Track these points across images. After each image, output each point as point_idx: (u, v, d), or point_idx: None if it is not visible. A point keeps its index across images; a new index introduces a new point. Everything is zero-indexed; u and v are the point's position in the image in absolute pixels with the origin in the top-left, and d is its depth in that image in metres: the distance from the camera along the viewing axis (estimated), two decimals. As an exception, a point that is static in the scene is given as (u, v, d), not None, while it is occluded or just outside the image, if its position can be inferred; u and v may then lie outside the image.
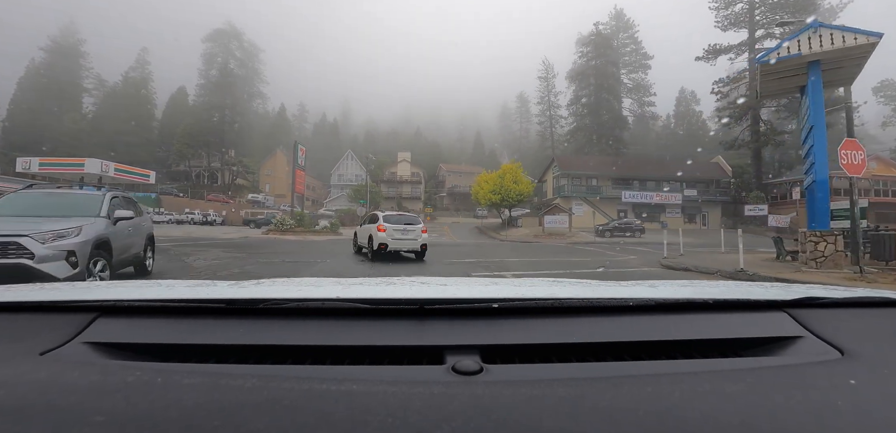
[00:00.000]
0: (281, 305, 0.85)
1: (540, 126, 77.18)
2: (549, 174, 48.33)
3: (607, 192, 43.24)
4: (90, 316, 0.83)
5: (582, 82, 63.72)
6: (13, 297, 0.91)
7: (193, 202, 51.40)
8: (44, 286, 1.12)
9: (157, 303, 0.89)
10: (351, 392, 0.58)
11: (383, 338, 0.77)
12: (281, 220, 28.88)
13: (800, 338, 0.82)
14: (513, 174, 41.11)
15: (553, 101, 74.71)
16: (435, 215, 63.01)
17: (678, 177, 44.49)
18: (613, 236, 33.62)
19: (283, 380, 0.62)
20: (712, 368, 0.72)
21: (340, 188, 70.52)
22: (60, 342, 0.74)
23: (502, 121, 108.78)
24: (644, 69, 68.97)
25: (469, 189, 69.05)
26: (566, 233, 33.20)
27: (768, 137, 39.90)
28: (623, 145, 57.36)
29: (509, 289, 1.03)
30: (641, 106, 70.24)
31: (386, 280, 1.25)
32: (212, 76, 73.34)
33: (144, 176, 38.64)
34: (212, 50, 79.93)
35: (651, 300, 0.93)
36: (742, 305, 0.96)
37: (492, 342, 0.76)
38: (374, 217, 13.59)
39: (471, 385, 0.63)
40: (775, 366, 0.74)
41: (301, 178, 31.37)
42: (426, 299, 0.86)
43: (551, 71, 74.77)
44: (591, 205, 42.68)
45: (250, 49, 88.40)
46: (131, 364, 0.69)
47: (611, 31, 66.55)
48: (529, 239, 31.04)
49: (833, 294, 1.01)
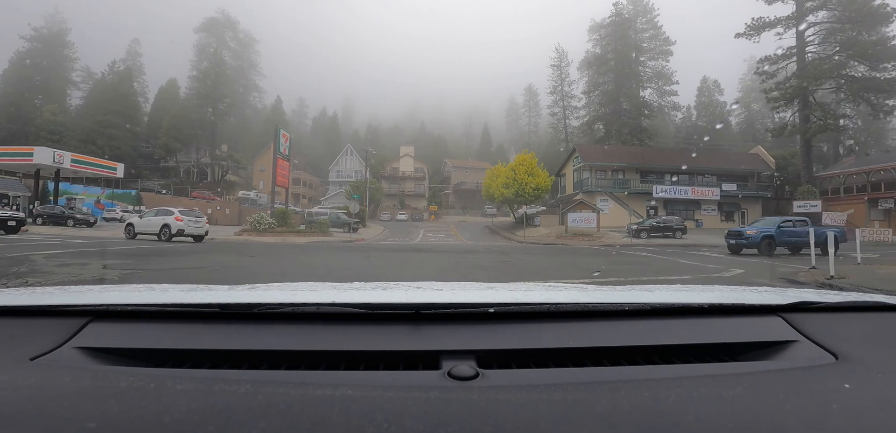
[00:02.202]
0: (276, 310, 0.85)
1: (553, 117, 72.00)
2: (569, 167, 43.33)
3: (635, 187, 38.21)
4: (82, 320, 0.82)
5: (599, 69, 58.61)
6: (3, 301, 0.88)
7: (177, 200, 46.94)
8: (35, 290, 1.07)
9: (150, 307, 0.88)
10: (346, 397, 0.58)
11: (379, 344, 0.77)
12: (257, 219, 24.20)
13: (794, 343, 0.83)
14: (527, 166, 36.26)
15: (567, 91, 69.68)
16: (440, 213, 58.25)
17: (715, 169, 39.39)
18: (650, 237, 28.71)
19: (278, 385, 0.61)
20: (708, 373, 0.73)
21: (339, 185, 66.09)
22: (52, 347, 0.73)
23: (509, 116, 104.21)
24: (665, 56, 63.71)
25: (476, 186, 64.71)
26: (594, 234, 28.32)
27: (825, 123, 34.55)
28: (647, 136, 52.21)
29: (505, 294, 1.02)
30: (661, 95, 65.00)
31: (382, 285, 1.22)
32: (204, 68, 69.23)
33: (110, 169, 33.95)
34: (204, 40, 75.95)
35: (647, 305, 0.94)
36: (737, 310, 0.97)
37: (488, 347, 0.76)
38: (168, 211, 19.28)
39: (467, 390, 0.62)
40: (770, 371, 0.74)
41: (284, 168, 26.71)
42: (422, 304, 0.87)
43: (565, 58, 69.72)
44: (617, 201, 37.69)
45: (245, 39, 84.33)
46: (124, 369, 0.68)
47: (630, 14, 61.36)
48: (552, 240, 26.21)
49: (827, 298, 1.02)
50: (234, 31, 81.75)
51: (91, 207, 41.36)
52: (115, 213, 39.98)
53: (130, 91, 66.04)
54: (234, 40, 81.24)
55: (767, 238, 16.47)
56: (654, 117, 58.23)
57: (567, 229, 29.37)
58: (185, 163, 63.81)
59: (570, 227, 29.34)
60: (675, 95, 65.02)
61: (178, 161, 63.14)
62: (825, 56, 35.28)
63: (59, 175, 30.36)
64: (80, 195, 43.07)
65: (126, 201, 45.26)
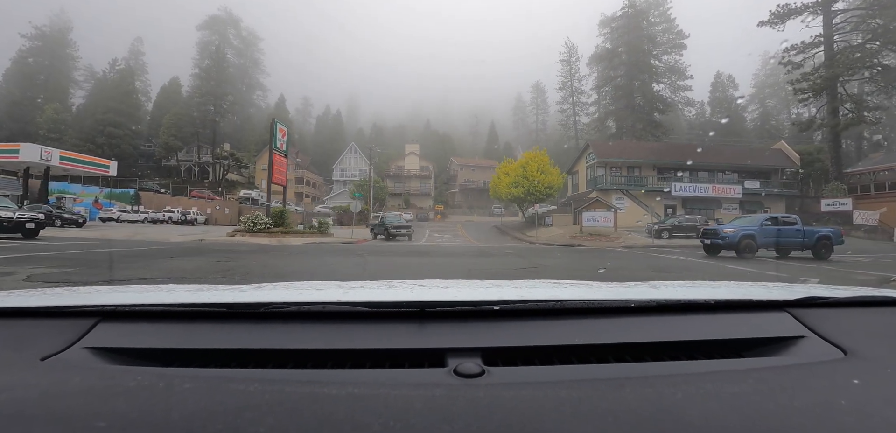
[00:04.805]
0: (282, 309, 0.86)
1: (562, 114, 70.07)
2: (581, 164, 41.44)
3: (652, 184, 36.24)
4: (91, 321, 0.83)
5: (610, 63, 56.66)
6: (14, 303, 0.89)
7: (176, 199, 45.70)
8: (45, 291, 1.07)
9: (158, 307, 0.88)
10: (352, 395, 0.59)
11: (384, 342, 0.77)
12: (251, 219, 22.65)
13: (802, 338, 0.83)
14: (538, 163, 34.46)
15: (577, 87, 67.73)
16: (446, 212, 56.55)
17: (737, 166, 37.31)
18: (672, 237, 26.83)
19: (285, 384, 0.62)
20: (715, 369, 0.73)
21: (343, 184, 64.79)
22: (61, 347, 0.74)
23: (516, 114, 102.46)
24: (679, 49, 61.56)
25: (483, 185, 62.94)
26: (611, 234, 26.50)
27: (858, 116, 32.29)
28: (661, 131, 50.17)
29: (510, 291, 1.01)
30: (675, 90, 62.88)
31: (387, 283, 1.22)
32: (205, 66, 68.13)
33: (102, 166, 32.58)
34: (207, 38, 75.03)
35: (653, 301, 0.93)
36: (744, 306, 0.96)
37: (493, 344, 0.77)
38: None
39: (472, 387, 0.63)
40: (778, 367, 0.74)
41: (281, 165, 25.12)
42: (427, 302, 0.87)
43: (575, 53, 67.76)
44: (633, 199, 35.77)
45: (249, 37, 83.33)
46: (133, 369, 0.69)
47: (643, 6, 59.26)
48: (567, 241, 24.43)
49: (835, 293, 1.01)
50: (236, 28, 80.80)
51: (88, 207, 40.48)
52: (112, 212, 38.91)
53: (131, 89, 65.08)
54: (237, 38, 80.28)
55: (747, 238, 14.07)
56: (667, 112, 56.18)
57: (582, 229, 27.57)
58: (187, 162, 62.71)
59: (585, 227, 27.54)
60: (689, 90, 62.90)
61: (179, 160, 62.05)
62: (856, 44, 33.09)
63: (48, 173, 29.08)
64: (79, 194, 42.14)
65: (124, 201, 44.06)
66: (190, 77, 70.52)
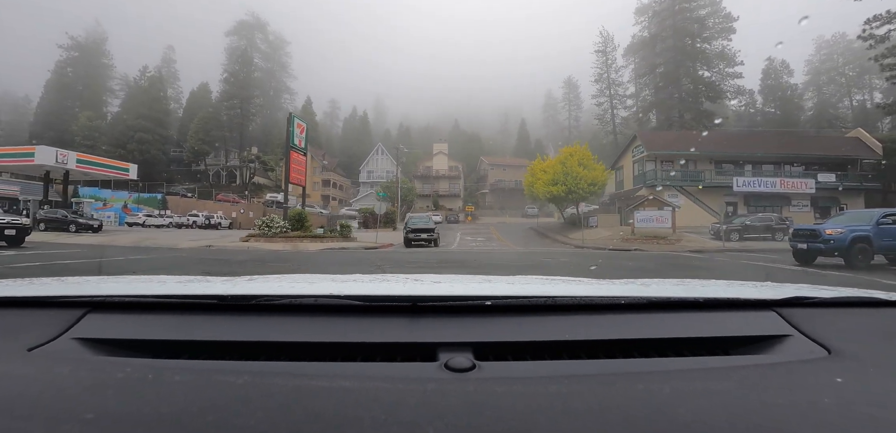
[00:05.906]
0: (274, 302, 0.85)
1: (598, 108, 65.82)
2: (627, 158, 37.78)
3: (711, 179, 32.34)
4: (80, 311, 0.81)
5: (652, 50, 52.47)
6: (0, 293, 0.88)
7: (202, 203, 44.96)
8: (32, 281, 1.07)
9: (148, 299, 0.87)
10: (343, 388, 0.59)
11: (376, 336, 0.77)
12: (266, 222, 20.65)
13: (788, 337, 0.84)
14: (579, 157, 31.20)
15: (614, 78, 63.53)
16: (477, 214, 53.74)
17: (807, 157, 32.88)
18: (742, 239, 23.17)
19: (275, 376, 0.62)
20: (702, 366, 0.74)
21: (370, 186, 62.94)
22: (49, 338, 0.73)
23: (547, 111, 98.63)
24: (727, 33, 56.58)
25: (515, 184, 59.76)
26: (669, 236, 23.10)
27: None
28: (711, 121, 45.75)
29: (503, 287, 1.02)
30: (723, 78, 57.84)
31: (380, 277, 1.20)
32: (234, 70, 68.12)
33: (122, 170, 31.61)
34: (235, 43, 75.28)
35: (643, 298, 0.94)
36: (732, 304, 0.98)
37: (485, 339, 0.77)
38: None
39: (463, 382, 0.63)
40: (764, 364, 0.75)
41: (299, 163, 23.09)
42: (419, 296, 0.87)
43: (611, 43, 63.49)
44: (688, 196, 31.98)
45: (276, 41, 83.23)
46: (122, 360, 0.68)
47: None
48: (620, 245, 21.25)
49: (821, 294, 1.03)
50: (264, 33, 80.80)
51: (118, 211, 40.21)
52: (138, 217, 38.42)
53: (161, 95, 65.66)
54: (264, 42, 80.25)
55: (860, 240, 10.75)
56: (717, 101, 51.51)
57: (634, 231, 24.28)
58: (214, 166, 62.54)
59: (637, 228, 24.24)
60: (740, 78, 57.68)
61: (206, 164, 61.94)
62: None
63: (68, 177, 28.19)
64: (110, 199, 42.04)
65: (152, 205, 43.63)
66: (219, 82, 70.85)
